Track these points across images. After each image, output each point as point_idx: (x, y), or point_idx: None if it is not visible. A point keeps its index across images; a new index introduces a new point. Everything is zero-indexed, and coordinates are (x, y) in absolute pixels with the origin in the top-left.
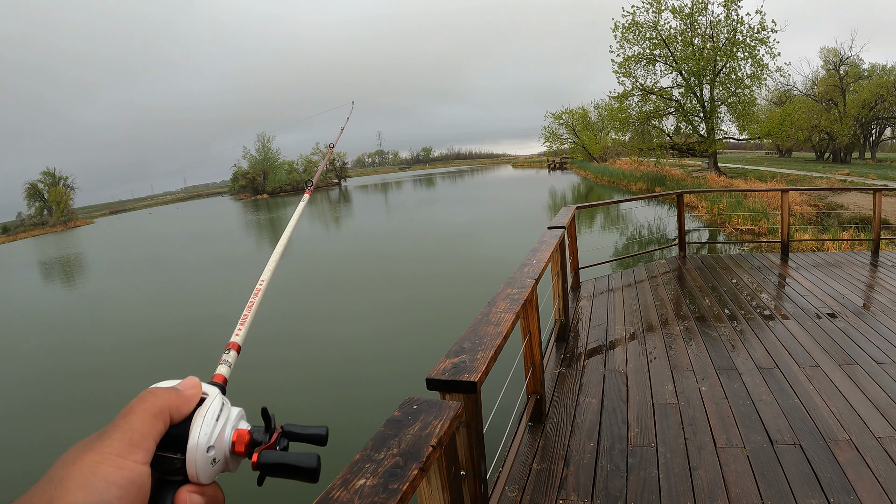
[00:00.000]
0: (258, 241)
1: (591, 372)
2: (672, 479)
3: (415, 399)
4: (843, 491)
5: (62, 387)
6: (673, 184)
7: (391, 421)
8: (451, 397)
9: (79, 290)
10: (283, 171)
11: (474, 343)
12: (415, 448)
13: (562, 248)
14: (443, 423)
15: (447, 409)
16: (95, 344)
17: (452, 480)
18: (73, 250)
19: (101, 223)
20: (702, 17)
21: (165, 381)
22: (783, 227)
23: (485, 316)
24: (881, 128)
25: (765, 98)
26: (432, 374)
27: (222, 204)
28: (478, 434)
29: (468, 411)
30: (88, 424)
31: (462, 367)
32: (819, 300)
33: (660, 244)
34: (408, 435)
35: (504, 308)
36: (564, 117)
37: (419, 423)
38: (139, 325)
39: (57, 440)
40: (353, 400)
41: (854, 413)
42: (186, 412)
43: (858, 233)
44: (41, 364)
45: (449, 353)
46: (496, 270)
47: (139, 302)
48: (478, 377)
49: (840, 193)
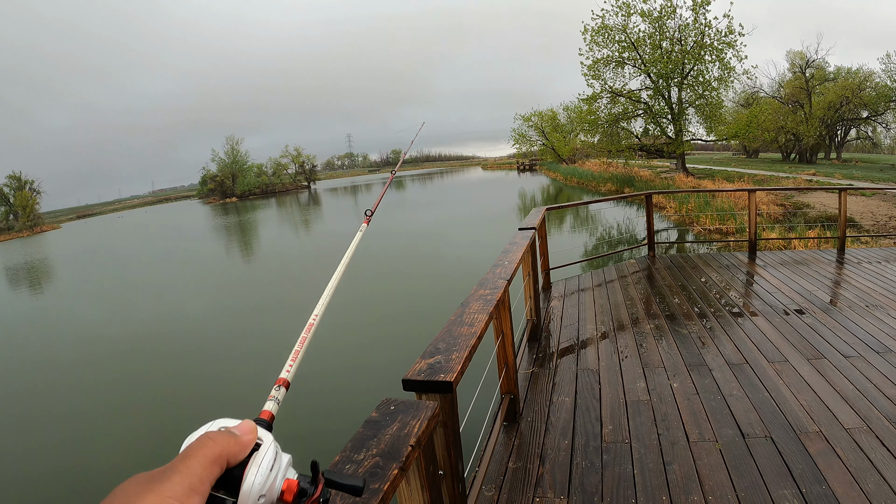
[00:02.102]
0: (229, 245)
1: (564, 371)
2: (647, 473)
3: (392, 400)
4: (815, 481)
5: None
6: (642, 185)
7: (369, 422)
8: (427, 397)
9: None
10: (252, 174)
11: (449, 344)
12: (394, 448)
13: (533, 250)
14: (420, 422)
15: (424, 409)
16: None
17: (432, 480)
18: (39, 256)
19: (69, 228)
20: (670, 21)
21: (221, 420)
22: (751, 227)
23: (458, 317)
24: (846, 129)
25: (732, 100)
26: (408, 375)
27: (191, 207)
28: (455, 434)
29: (445, 411)
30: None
31: (437, 368)
32: (787, 297)
33: (629, 244)
34: (386, 435)
35: (477, 309)
36: (534, 119)
37: (397, 423)
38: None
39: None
40: (331, 404)
41: (823, 406)
42: (242, 458)
43: (824, 231)
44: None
45: (424, 354)
46: (469, 271)
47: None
48: (453, 377)
49: (806, 193)
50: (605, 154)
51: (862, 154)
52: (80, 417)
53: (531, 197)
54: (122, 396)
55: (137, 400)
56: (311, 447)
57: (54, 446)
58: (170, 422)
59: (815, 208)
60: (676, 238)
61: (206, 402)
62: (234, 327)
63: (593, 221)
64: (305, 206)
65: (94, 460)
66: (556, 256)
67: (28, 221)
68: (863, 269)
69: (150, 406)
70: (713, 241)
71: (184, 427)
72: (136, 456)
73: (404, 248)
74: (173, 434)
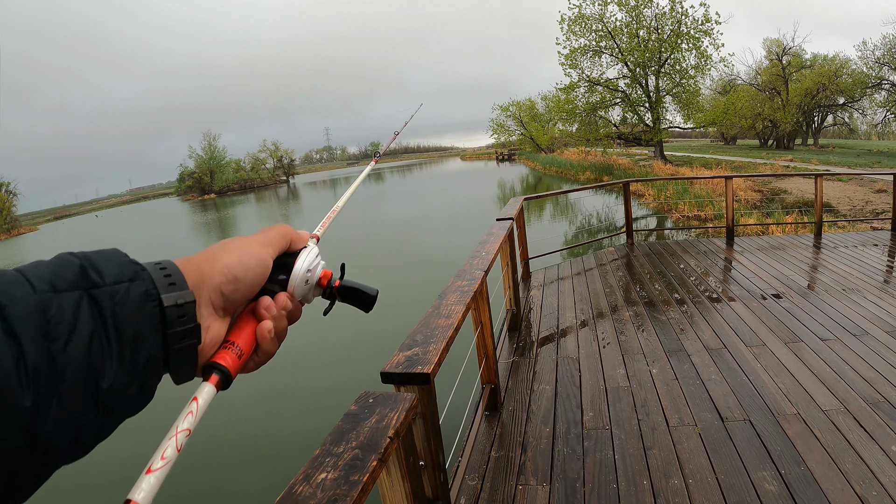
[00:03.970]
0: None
1: (545, 360)
2: (628, 459)
3: (371, 393)
4: (794, 462)
5: None
6: (620, 173)
7: (349, 415)
8: (405, 389)
9: None
10: (230, 170)
11: (426, 336)
12: (373, 440)
13: (511, 240)
14: (399, 414)
15: (402, 401)
16: None
17: (412, 470)
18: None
19: (47, 229)
20: (647, 10)
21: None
22: (728, 213)
23: (436, 309)
24: (823, 115)
25: (709, 88)
26: (386, 368)
27: (169, 205)
28: (434, 424)
29: (423, 402)
30: None
31: (415, 360)
32: (764, 282)
33: (608, 232)
34: (365, 428)
35: (454, 300)
36: (512, 109)
37: (376, 415)
38: None
39: None
40: (312, 402)
41: (801, 388)
42: (298, 246)
43: (802, 216)
44: None
45: (402, 347)
46: (447, 261)
47: None
48: (431, 368)
49: (783, 179)
50: (583, 143)
51: (839, 140)
52: None
53: (510, 187)
54: None
55: None
56: (294, 444)
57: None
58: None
59: (793, 194)
60: (655, 225)
61: None
62: None
63: (572, 210)
64: (285, 200)
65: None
66: (536, 246)
67: (5, 224)
68: (839, 253)
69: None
70: (691, 227)
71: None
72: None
73: (382, 241)
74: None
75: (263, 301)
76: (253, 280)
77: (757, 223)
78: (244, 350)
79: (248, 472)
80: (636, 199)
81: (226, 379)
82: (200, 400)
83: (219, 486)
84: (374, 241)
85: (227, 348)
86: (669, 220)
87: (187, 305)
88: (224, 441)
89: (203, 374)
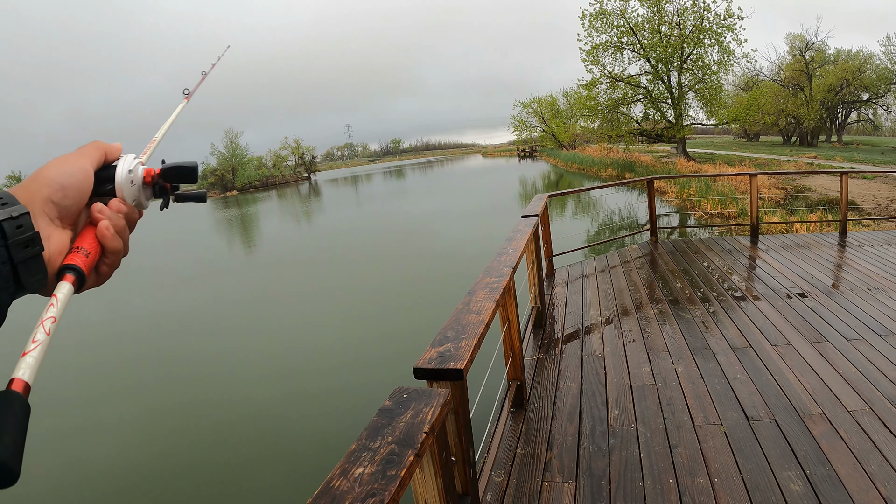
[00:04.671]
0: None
1: (569, 357)
2: (653, 457)
3: (404, 388)
4: (819, 463)
5: None
6: (642, 170)
7: (383, 410)
8: (438, 385)
9: None
10: (251, 167)
11: (457, 332)
12: (409, 435)
13: (536, 237)
14: (433, 410)
15: (437, 396)
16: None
17: (444, 466)
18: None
19: None
20: (669, 5)
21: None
22: (752, 211)
23: (465, 305)
24: (847, 111)
25: (732, 84)
26: (419, 364)
27: None
28: (466, 420)
29: (456, 398)
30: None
31: (448, 356)
32: (789, 280)
33: (631, 230)
34: (401, 423)
35: (484, 297)
36: (533, 106)
37: (410, 411)
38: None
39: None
40: (340, 399)
41: (826, 388)
42: (114, 157)
43: (826, 214)
44: None
45: (433, 343)
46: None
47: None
48: (464, 364)
49: (807, 176)
50: (605, 139)
51: (863, 137)
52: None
53: (532, 183)
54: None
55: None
56: (310, 441)
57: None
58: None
59: (817, 191)
60: (678, 223)
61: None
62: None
63: (594, 207)
64: (306, 196)
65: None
66: (559, 243)
67: None
68: (864, 252)
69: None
70: (715, 225)
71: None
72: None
73: (404, 238)
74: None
75: (95, 206)
76: (77, 185)
77: (781, 221)
78: (91, 251)
79: (274, 470)
80: (658, 197)
81: (79, 276)
82: (60, 295)
83: (246, 484)
84: (394, 236)
85: (74, 252)
86: (692, 217)
87: (22, 217)
88: (250, 439)
89: (57, 277)
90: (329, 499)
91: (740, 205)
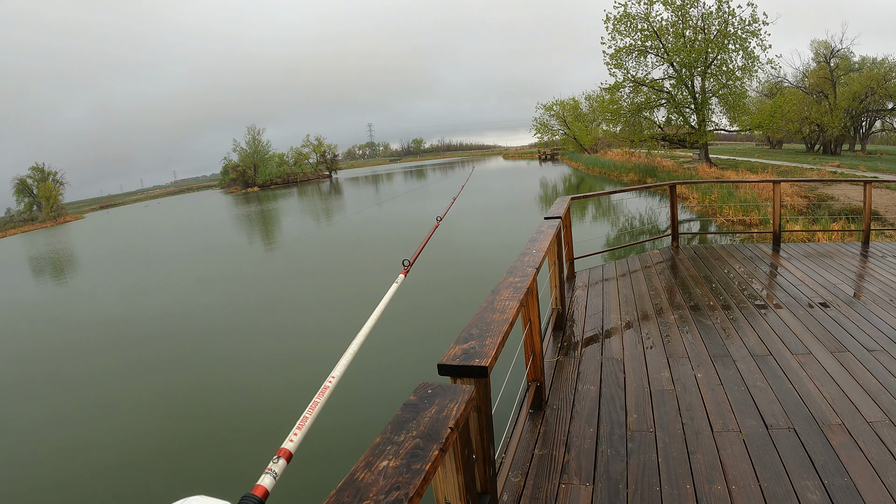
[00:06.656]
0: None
1: (589, 360)
2: (671, 462)
3: (429, 384)
4: (837, 473)
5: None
6: (664, 175)
7: (408, 405)
8: (462, 382)
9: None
10: (273, 164)
11: (482, 330)
12: (433, 430)
13: (558, 239)
14: (458, 406)
15: (462, 392)
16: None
17: (466, 463)
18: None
19: (91, 217)
20: (693, 9)
21: (199, 499)
22: (775, 218)
23: (490, 304)
24: (871, 120)
25: (756, 90)
26: (444, 360)
27: (214, 197)
28: (487, 418)
29: (479, 395)
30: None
31: (472, 353)
32: (811, 289)
33: (652, 235)
34: (425, 418)
35: (508, 296)
36: (555, 108)
37: (435, 406)
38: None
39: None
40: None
41: (846, 398)
42: None
43: (849, 223)
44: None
45: (458, 340)
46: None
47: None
48: (488, 362)
49: (831, 185)
50: (627, 144)
51: (887, 146)
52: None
53: (553, 186)
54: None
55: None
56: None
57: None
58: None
59: (840, 200)
60: (699, 229)
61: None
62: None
63: (615, 211)
64: (327, 194)
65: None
66: (580, 246)
67: (52, 212)
68: (887, 262)
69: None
70: (736, 232)
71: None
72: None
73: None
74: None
75: None
76: None
77: (803, 229)
78: None
79: (293, 463)
80: (680, 202)
81: None
82: None
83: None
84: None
85: None
86: (714, 223)
87: None
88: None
89: None
90: (353, 490)
91: (762, 212)
